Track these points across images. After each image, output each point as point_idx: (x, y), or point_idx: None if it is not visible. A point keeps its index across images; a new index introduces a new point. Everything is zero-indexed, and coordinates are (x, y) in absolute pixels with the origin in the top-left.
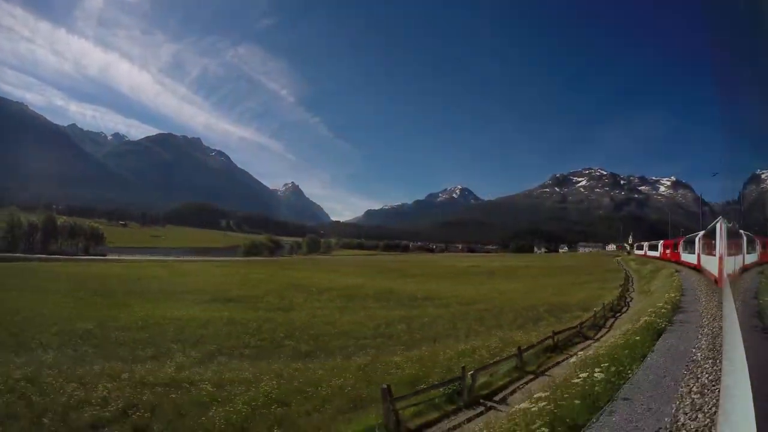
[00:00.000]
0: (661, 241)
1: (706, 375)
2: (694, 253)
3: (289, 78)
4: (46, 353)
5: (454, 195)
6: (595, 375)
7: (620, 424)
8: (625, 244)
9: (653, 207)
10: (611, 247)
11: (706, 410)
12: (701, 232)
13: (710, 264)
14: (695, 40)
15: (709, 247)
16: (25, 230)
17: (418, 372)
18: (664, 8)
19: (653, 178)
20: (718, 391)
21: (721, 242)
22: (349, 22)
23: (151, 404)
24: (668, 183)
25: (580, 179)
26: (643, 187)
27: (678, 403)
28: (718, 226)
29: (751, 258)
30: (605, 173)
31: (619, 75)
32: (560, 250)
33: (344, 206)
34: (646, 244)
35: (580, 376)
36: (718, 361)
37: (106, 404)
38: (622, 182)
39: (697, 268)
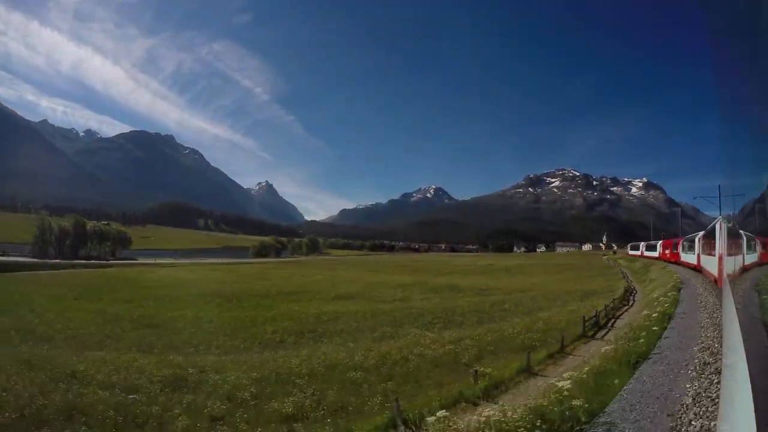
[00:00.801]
0: (660, 241)
1: (705, 296)
2: (694, 253)
3: (265, 75)
4: (311, 344)
5: (428, 195)
6: (671, 294)
7: (685, 306)
8: (601, 244)
9: (625, 207)
10: (587, 246)
11: (705, 302)
12: (701, 233)
13: (710, 264)
14: (668, 43)
15: (709, 248)
16: (56, 235)
17: (566, 319)
18: (638, 13)
19: (625, 179)
20: (708, 297)
21: (720, 242)
22: (325, 21)
23: (488, 347)
24: (640, 184)
25: (553, 180)
26: (615, 188)
27: (699, 300)
28: (717, 226)
29: (750, 258)
30: (578, 174)
31: (592, 77)
32: (538, 250)
33: (318, 205)
34: (643, 244)
35: (668, 294)
36: (710, 294)
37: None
38: (594, 183)
39: (697, 269)
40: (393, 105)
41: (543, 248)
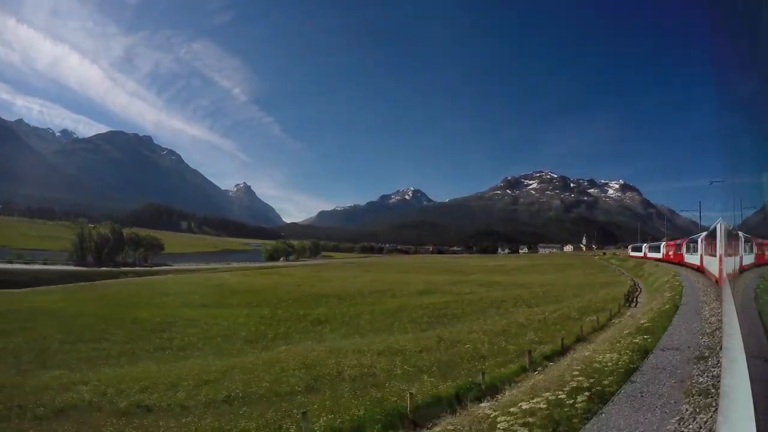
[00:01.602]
0: (663, 243)
1: (695, 278)
2: (697, 254)
3: (243, 76)
4: (458, 322)
5: (406, 196)
6: (677, 278)
7: (686, 282)
8: (581, 245)
9: (602, 209)
10: (568, 247)
11: (696, 279)
12: (704, 233)
13: (713, 265)
14: (642, 44)
15: (711, 248)
16: (96, 243)
17: (610, 297)
18: (613, 15)
19: (602, 181)
20: (699, 277)
21: (720, 243)
22: (304, 22)
23: (581, 310)
24: (616, 186)
25: (531, 182)
26: (592, 190)
27: (692, 279)
28: (717, 226)
29: (748, 259)
30: (555, 176)
31: (568, 79)
32: (520, 251)
33: (295, 207)
34: (645, 245)
35: (676, 278)
36: (697, 276)
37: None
38: (571, 185)
39: (700, 270)
40: (370, 106)
41: (525, 249)
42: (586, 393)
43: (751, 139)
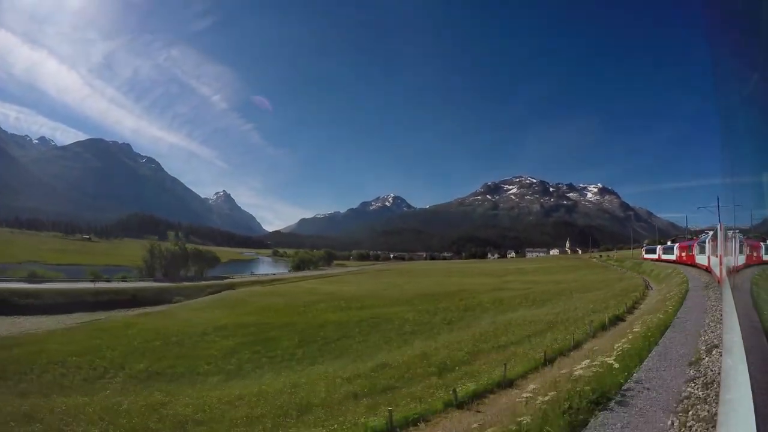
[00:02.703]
0: (677, 244)
1: (689, 270)
2: (705, 255)
3: (222, 82)
4: (551, 304)
5: (387, 203)
6: (678, 270)
7: (687, 273)
8: (567, 249)
9: (581, 213)
10: (554, 251)
11: (687, 270)
12: (711, 234)
13: (717, 266)
14: (619, 48)
15: (714, 249)
16: (166, 258)
17: (632, 285)
18: (591, 19)
19: (581, 185)
20: (692, 271)
21: (720, 244)
22: (282, 29)
23: (625, 290)
24: (595, 189)
25: (510, 187)
26: (571, 194)
27: (687, 271)
28: (717, 228)
29: (741, 260)
30: (535, 181)
31: (545, 84)
32: (508, 255)
33: (275, 215)
34: (659, 247)
35: (677, 270)
36: (691, 269)
37: None
38: (551, 189)
39: (708, 270)
40: (350, 112)
41: (513, 254)
42: (684, 292)
43: (751, 139)
